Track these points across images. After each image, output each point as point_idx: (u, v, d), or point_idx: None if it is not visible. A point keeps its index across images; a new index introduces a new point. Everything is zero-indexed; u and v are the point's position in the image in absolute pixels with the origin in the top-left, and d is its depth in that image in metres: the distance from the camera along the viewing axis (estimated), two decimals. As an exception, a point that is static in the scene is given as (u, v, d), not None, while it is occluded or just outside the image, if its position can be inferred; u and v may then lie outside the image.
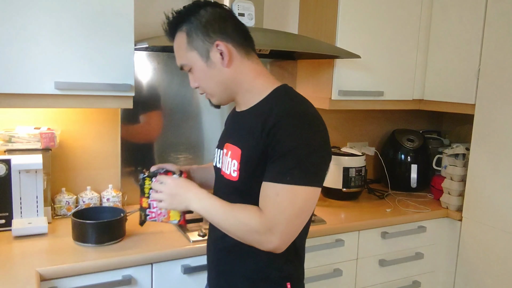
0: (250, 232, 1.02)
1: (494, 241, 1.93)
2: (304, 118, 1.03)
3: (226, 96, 1.15)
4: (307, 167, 0.99)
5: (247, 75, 1.12)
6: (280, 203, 0.99)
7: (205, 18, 1.09)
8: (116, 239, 1.54)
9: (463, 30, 2.09)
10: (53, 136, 1.69)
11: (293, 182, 0.98)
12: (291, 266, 1.14)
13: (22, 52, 1.44)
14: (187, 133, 2.07)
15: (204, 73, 1.12)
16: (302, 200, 1.00)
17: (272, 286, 1.12)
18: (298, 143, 1.00)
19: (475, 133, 2.01)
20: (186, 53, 1.12)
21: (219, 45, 1.08)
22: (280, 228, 0.99)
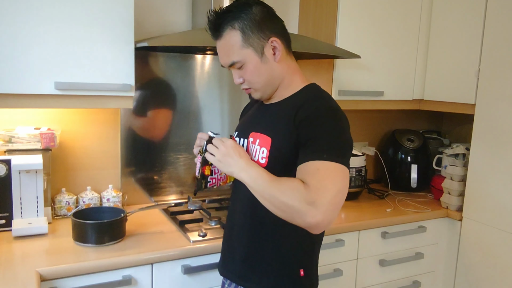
0: (295, 203, 1.01)
1: (494, 241, 1.93)
2: (334, 113, 1.12)
3: (271, 89, 1.21)
4: (338, 149, 1.07)
5: (288, 70, 1.21)
6: (322, 178, 1.01)
7: (259, 16, 1.14)
8: (116, 239, 1.54)
9: (463, 30, 2.09)
10: (53, 136, 1.69)
11: (330, 159, 1.03)
12: (305, 254, 1.22)
13: (22, 52, 1.44)
14: (187, 133, 2.07)
15: (258, 68, 1.16)
16: (341, 177, 1.04)
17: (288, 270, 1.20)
18: (329, 131, 1.09)
19: (475, 133, 2.01)
20: (241, 50, 1.15)
21: (274, 42, 1.15)
22: (324, 201, 0.99)
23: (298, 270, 1.20)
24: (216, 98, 2.10)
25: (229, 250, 1.31)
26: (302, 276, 1.21)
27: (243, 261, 1.24)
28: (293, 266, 1.20)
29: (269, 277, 1.20)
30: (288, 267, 1.20)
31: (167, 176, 2.05)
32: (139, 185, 2.00)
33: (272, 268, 1.20)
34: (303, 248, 1.21)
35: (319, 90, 1.22)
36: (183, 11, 2.00)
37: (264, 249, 1.21)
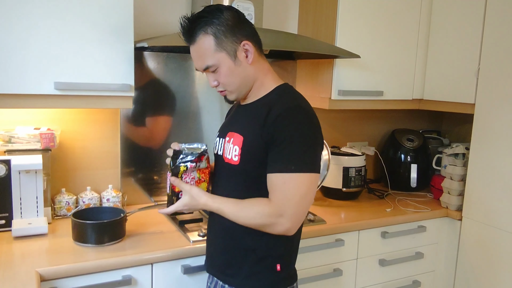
0: (262, 222, 1.16)
1: (494, 241, 1.93)
2: (303, 113, 1.16)
3: (245, 90, 1.26)
4: (307, 157, 1.13)
5: (261, 71, 1.26)
6: (288, 191, 1.12)
7: (231, 21, 1.19)
8: (116, 239, 1.54)
9: (463, 30, 2.09)
10: (53, 137, 1.69)
11: (298, 171, 1.12)
12: (283, 249, 1.24)
13: (22, 52, 1.44)
14: (186, 133, 2.07)
15: (232, 71, 1.21)
16: (307, 185, 1.13)
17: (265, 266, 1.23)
18: (297, 135, 1.13)
19: (475, 132, 2.01)
20: (215, 54, 1.19)
21: (246, 45, 1.20)
22: (289, 212, 1.13)
23: (274, 265, 1.24)
24: (215, 99, 2.10)
25: (209, 244, 1.37)
26: (279, 271, 1.24)
27: (220, 254, 1.30)
28: (270, 261, 1.23)
29: (245, 271, 1.25)
30: (264, 261, 1.23)
31: (167, 176, 2.05)
32: (139, 185, 2.01)
33: (248, 263, 1.24)
34: (280, 243, 1.24)
35: (290, 90, 1.26)
36: (182, 11, 2.00)
37: (239, 243, 1.25)
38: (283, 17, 2.26)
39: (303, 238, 1.74)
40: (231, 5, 1.79)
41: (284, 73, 2.29)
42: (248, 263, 1.24)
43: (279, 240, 1.23)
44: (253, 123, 1.20)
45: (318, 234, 1.79)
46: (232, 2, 1.79)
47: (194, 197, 1.26)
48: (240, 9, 1.79)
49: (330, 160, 2.09)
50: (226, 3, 1.79)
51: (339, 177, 2.16)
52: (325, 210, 2.02)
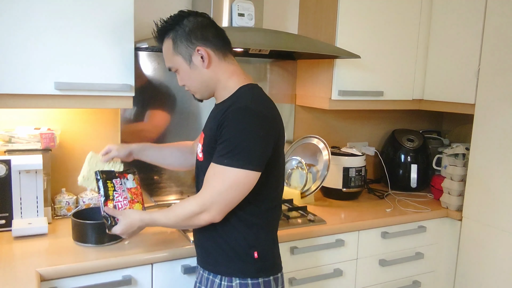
0: (190, 214, 1.22)
1: (494, 241, 1.93)
2: (247, 113, 1.20)
3: (207, 92, 1.34)
4: (241, 153, 1.18)
5: (223, 74, 1.30)
6: (214, 181, 1.20)
7: (188, 27, 1.26)
8: (116, 239, 1.54)
9: (463, 30, 2.09)
10: (53, 137, 1.69)
11: (227, 164, 1.18)
12: (257, 238, 1.29)
13: (22, 53, 1.44)
14: (186, 133, 2.07)
15: (188, 74, 1.30)
16: (231, 180, 1.18)
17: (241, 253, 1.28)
18: (236, 132, 1.19)
19: (475, 133, 2.01)
20: (173, 57, 1.29)
21: (200, 50, 1.26)
22: (211, 202, 1.20)
23: (252, 253, 1.28)
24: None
25: (193, 236, 1.42)
26: (257, 259, 1.28)
27: (198, 245, 1.37)
28: (245, 249, 1.28)
29: (223, 260, 1.29)
30: (240, 250, 1.28)
31: (167, 176, 2.05)
32: (139, 185, 2.00)
33: (224, 252, 1.29)
34: (253, 232, 1.29)
35: (249, 91, 1.28)
36: (183, 11, 2.00)
37: (214, 234, 1.30)
38: (283, 17, 2.26)
39: (303, 238, 1.75)
40: (231, 5, 1.79)
41: (285, 73, 2.29)
42: (224, 250, 1.29)
43: (250, 230, 1.28)
44: (214, 122, 1.26)
45: (318, 234, 1.79)
46: (232, 2, 1.79)
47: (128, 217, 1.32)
48: (240, 9, 1.80)
49: (330, 160, 2.09)
50: (226, 4, 1.79)
51: (339, 177, 2.16)
52: (325, 210, 2.02)
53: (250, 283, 1.27)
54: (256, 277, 1.28)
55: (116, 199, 1.40)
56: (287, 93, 2.31)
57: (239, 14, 1.80)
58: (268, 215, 1.32)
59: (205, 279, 1.33)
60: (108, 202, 1.39)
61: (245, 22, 1.81)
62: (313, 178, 2.13)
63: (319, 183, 2.08)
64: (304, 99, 2.28)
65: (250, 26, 1.82)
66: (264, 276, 1.29)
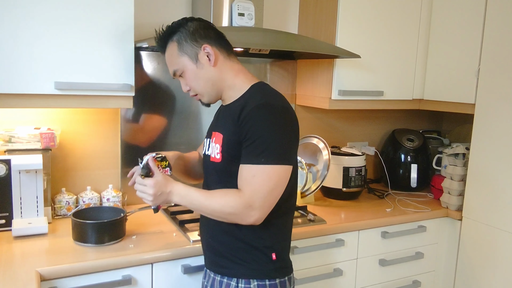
0: (232, 211, 1.19)
1: (494, 241, 1.93)
2: (271, 110, 1.20)
3: (214, 93, 1.32)
4: (276, 149, 1.17)
5: (229, 73, 1.30)
6: (257, 183, 1.17)
7: (192, 28, 1.28)
8: (116, 239, 1.54)
9: (463, 30, 2.09)
10: (53, 136, 1.69)
11: (266, 163, 1.16)
12: (274, 239, 1.28)
13: (22, 52, 1.44)
14: (187, 133, 2.07)
15: (195, 73, 1.28)
16: (275, 177, 1.18)
17: (259, 255, 1.26)
18: (266, 130, 1.18)
19: (475, 132, 2.01)
20: (178, 58, 1.28)
21: (206, 48, 1.26)
22: (258, 204, 1.17)
23: (270, 255, 1.26)
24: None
25: (202, 241, 1.41)
26: (275, 260, 1.27)
27: (210, 248, 1.34)
28: (263, 250, 1.26)
29: (239, 262, 1.27)
30: (258, 251, 1.26)
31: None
32: (139, 185, 2.00)
33: (240, 252, 1.27)
34: (270, 233, 1.27)
35: (263, 88, 1.29)
36: (183, 11, 2.00)
37: (229, 235, 1.28)
38: (283, 17, 2.26)
39: (303, 238, 1.75)
40: (231, 5, 1.79)
41: (285, 73, 2.29)
42: (240, 252, 1.27)
43: (268, 230, 1.26)
44: (230, 122, 1.25)
45: (318, 234, 1.79)
46: (232, 2, 1.79)
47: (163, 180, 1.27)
48: (240, 9, 1.80)
49: (330, 160, 2.09)
50: (226, 3, 1.80)
51: (339, 177, 2.16)
52: (325, 210, 2.02)
53: (268, 284, 1.26)
54: (274, 277, 1.27)
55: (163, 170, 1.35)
56: (287, 93, 2.31)
57: (239, 14, 1.80)
58: (287, 215, 1.32)
59: (218, 282, 1.31)
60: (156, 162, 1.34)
61: (245, 22, 1.81)
62: (313, 178, 2.13)
63: (319, 183, 2.08)
64: (304, 99, 2.28)
65: (250, 26, 1.82)
66: (281, 276, 1.29)
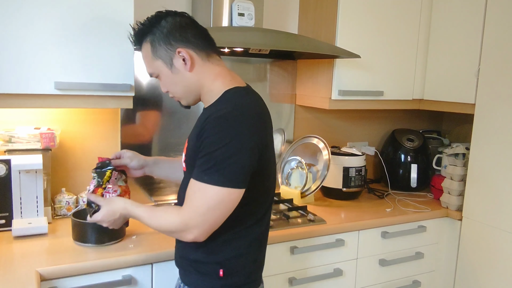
0: (171, 230, 1.15)
1: (494, 241, 1.93)
2: (226, 123, 1.09)
3: (192, 97, 1.25)
4: (223, 170, 1.07)
5: (207, 77, 1.21)
6: (196, 200, 1.10)
7: (166, 29, 1.18)
8: (116, 239, 1.54)
9: (463, 30, 2.09)
10: (53, 136, 1.69)
11: (208, 182, 1.08)
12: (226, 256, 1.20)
13: (22, 52, 1.44)
14: (187, 133, 2.06)
15: (170, 79, 1.21)
16: (216, 199, 1.08)
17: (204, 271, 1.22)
18: (216, 146, 1.07)
19: (475, 132, 2.01)
20: (152, 62, 1.21)
21: (181, 52, 1.17)
22: (194, 222, 1.10)
23: (218, 270, 1.20)
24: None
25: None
26: (222, 277, 1.20)
27: (176, 260, 1.32)
28: (212, 266, 1.21)
29: (192, 274, 1.24)
30: (207, 266, 1.21)
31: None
32: (139, 185, 2.00)
33: (192, 266, 1.24)
34: (219, 250, 1.20)
35: (233, 95, 1.18)
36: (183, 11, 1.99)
37: (186, 248, 1.25)
38: (283, 17, 2.26)
39: (303, 238, 1.75)
40: (231, 5, 1.79)
41: (285, 73, 2.29)
42: (193, 267, 1.24)
43: (220, 247, 1.20)
44: (196, 130, 1.18)
45: (318, 234, 1.79)
46: (232, 2, 1.79)
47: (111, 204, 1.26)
48: (240, 9, 1.80)
49: (330, 160, 2.09)
50: (226, 3, 1.79)
51: (339, 177, 2.16)
52: (325, 210, 2.02)
53: None
54: None
55: (107, 189, 1.36)
56: (287, 93, 2.31)
57: (239, 14, 1.80)
58: (250, 231, 1.22)
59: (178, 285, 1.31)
60: (97, 190, 1.35)
61: (245, 22, 1.81)
62: (313, 178, 2.13)
63: (319, 183, 2.08)
64: (304, 99, 2.28)
65: (250, 26, 1.82)
66: None
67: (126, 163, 1.46)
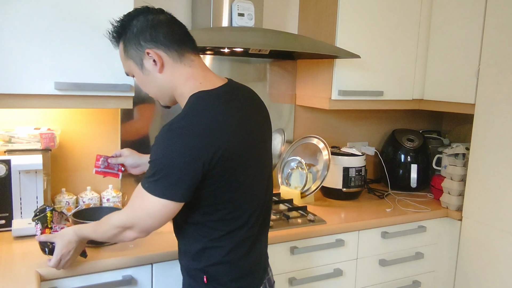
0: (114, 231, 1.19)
1: (494, 241, 1.93)
2: (170, 135, 1.08)
3: (167, 98, 1.22)
4: (161, 180, 1.07)
5: (178, 79, 1.17)
6: (137, 204, 1.13)
7: (136, 28, 1.15)
8: (116, 239, 1.54)
9: (463, 30, 2.09)
10: (53, 137, 1.69)
11: (147, 190, 1.09)
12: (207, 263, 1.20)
13: (22, 52, 1.44)
14: (187, 133, 2.07)
15: (142, 79, 1.20)
16: (149, 207, 1.10)
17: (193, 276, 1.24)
18: (158, 156, 1.07)
19: (475, 133, 2.01)
20: (125, 62, 1.20)
21: (150, 53, 1.14)
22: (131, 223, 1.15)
23: (202, 277, 1.21)
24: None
25: None
26: (206, 283, 1.20)
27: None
28: (197, 273, 1.22)
29: (185, 277, 1.27)
30: (194, 272, 1.23)
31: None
32: (136, 183, 2.00)
33: (185, 271, 1.27)
34: (204, 256, 1.20)
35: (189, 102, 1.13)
36: (182, 11, 2.00)
37: (179, 253, 1.28)
38: (283, 17, 2.26)
39: (303, 238, 1.75)
40: (231, 5, 1.79)
41: (285, 73, 2.29)
42: (184, 272, 1.28)
43: (202, 253, 1.20)
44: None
45: (318, 234, 1.79)
46: (232, 2, 1.79)
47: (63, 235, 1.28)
48: (240, 9, 1.80)
49: (330, 160, 2.09)
50: (226, 4, 1.79)
51: (339, 177, 2.16)
52: (325, 210, 2.02)
53: None
54: None
55: (53, 228, 1.36)
56: (287, 93, 2.31)
57: (239, 14, 1.80)
58: (232, 237, 1.18)
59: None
60: (45, 231, 1.34)
61: (245, 22, 1.81)
62: (313, 178, 2.13)
63: (319, 183, 2.08)
64: (304, 99, 2.28)
65: (250, 26, 1.82)
66: None
67: (123, 161, 1.50)
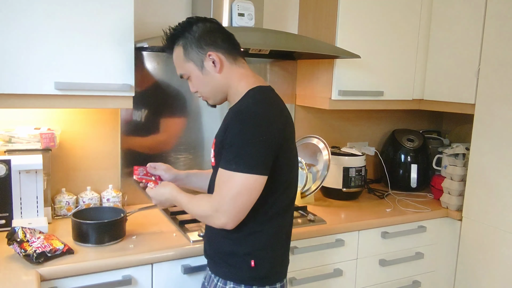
0: (203, 214, 1.26)
1: (494, 241, 1.93)
2: (247, 117, 1.20)
3: (220, 97, 1.35)
4: (244, 158, 1.18)
5: (233, 78, 1.31)
6: (224, 188, 1.20)
7: (198, 33, 1.28)
8: (116, 239, 1.54)
9: (463, 30, 2.09)
10: (53, 137, 1.69)
11: (235, 170, 1.18)
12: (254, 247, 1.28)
13: (22, 52, 1.44)
14: (187, 133, 2.07)
15: (200, 80, 1.31)
16: (240, 185, 1.18)
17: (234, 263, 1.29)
18: (238, 137, 1.18)
19: (475, 133, 2.01)
20: (184, 64, 1.31)
21: (211, 55, 1.27)
22: (223, 208, 1.20)
23: (249, 261, 1.27)
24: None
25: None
26: (253, 267, 1.27)
27: (206, 251, 1.39)
28: (243, 257, 1.28)
29: (221, 266, 1.31)
30: (238, 257, 1.28)
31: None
32: (139, 185, 2.00)
33: (222, 259, 1.31)
34: (251, 240, 1.28)
35: (253, 94, 1.28)
36: (183, 11, 2.00)
37: (217, 240, 1.33)
38: (283, 17, 2.26)
39: (303, 238, 1.75)
40: (231, 5, 1.79)
41: (285, 73, 2.29)
42: (225, 255, 1.31)
43: (248, 237, 1.27)
44: (222, 128, 1.27)
45: (318, 234, 1.79)
46: (232, 2, 1.79)
47: (161, 185, 1.43)
48: (240, 9, 1.80)
49: (330, 160, 2.09)
50: (226, 4, 1.79)
51: (339, 177, 2.16)
52: (325, 210, 2.02)
53: None
54: (251, 284, 1.28)
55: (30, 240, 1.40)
56: (287, 93, 2.31)
57: (239, 14, 1.80)
58: (274, 222, 1.29)
59: (208, 277, 1.37)
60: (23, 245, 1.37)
61: (245, 22, 1.81)
62: (313, 178, 2.13)
63: (319, 183, 2.08)
64: (304, 99, 2.28)
65: (250, 26, 1.82)
66: (259, 285, 1.28)
67: (161, 174, 1.57)
